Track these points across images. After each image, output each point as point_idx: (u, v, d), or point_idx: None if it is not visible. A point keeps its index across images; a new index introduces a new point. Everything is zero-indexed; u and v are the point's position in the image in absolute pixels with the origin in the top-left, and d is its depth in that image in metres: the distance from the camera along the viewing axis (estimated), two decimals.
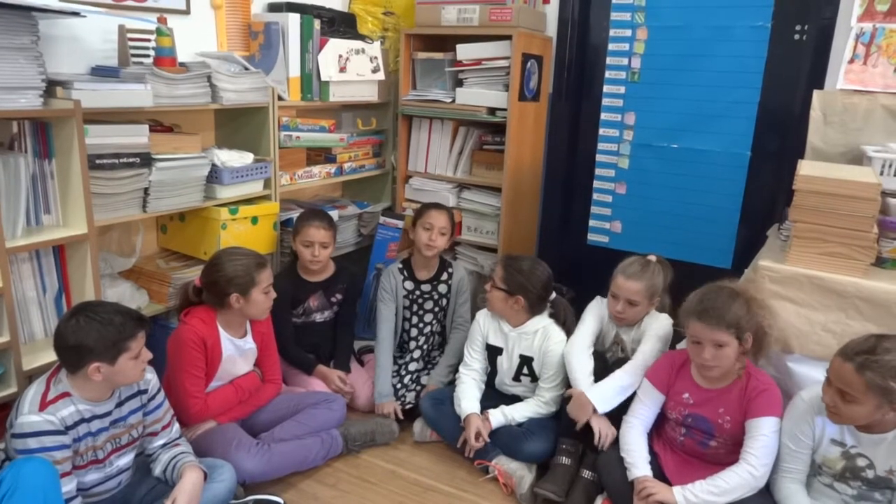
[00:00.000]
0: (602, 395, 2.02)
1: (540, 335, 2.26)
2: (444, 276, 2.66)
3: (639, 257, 2.22)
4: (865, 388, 1.53)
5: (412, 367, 2.60)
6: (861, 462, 1.67)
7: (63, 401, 1.60)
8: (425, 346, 2.67)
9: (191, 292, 2.09)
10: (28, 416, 1.54)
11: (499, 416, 2.20)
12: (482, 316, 2.38)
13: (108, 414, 1.69)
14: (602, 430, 2.01)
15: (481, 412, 2.21)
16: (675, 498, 1.76)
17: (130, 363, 1.63)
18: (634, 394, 2.02)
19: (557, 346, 2.22)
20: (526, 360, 2.29)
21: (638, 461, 1.88)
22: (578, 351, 2.15)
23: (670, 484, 1.82)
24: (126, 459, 1.76)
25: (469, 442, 2.15)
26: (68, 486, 1.57)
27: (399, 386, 2.50)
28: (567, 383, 2.17)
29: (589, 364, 2.12)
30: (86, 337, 1.57)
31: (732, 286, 1.87)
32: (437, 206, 2.64)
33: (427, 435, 2.36)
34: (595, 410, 2.01)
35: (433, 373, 2.54)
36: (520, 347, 2.29)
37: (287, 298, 2.45)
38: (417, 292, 2.64)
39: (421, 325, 2.67)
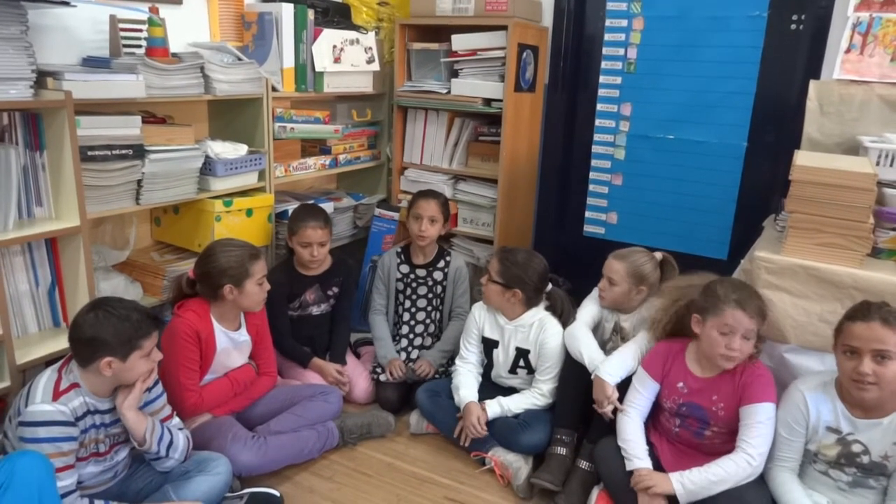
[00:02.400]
0: (613, 370, 2.01)
1: (536, 327, 2.26)
2: (441, 264, 2.65)
3: (642, 248, 2.23)
4: None
5: (403, 343, 2.62)
6: (856, 448, 1.68)
7: (74, 391, 1.60)
8: (423, 333, 2.66)
9: (184, 284, 2.08)
10: (41, 405, 1.54)
11: (495, 406, 2.20)
12: (478, 309, 2.37)
13: (109, 411, 1.68)
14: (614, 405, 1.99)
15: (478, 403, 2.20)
16: (672, 486, 1.77)
17: (141, 362, 1.64)
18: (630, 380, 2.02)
19: (554, 338, 2.22)
20: (522, 353, 2.29)
21: (637, 451, 1.88)
22: (580, 331, 2.14)
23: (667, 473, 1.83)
24: (124, 453, 1.76)
25: (468, 429, 2.15)
26: (69, 479, 1.56)
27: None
28: (563, 374, 2.17)
29: (593, 339, 2.13)
30: (102, 331, 1.57)
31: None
32: (426, 194, 2.63)
33: (423, 427, 2.37)
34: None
35: (427, 352, 2.55)
36: (516, 340, 2.29)
37: (283, 292, 2.44)
38: (412, 276, 2.64)
39: (414, 309, 2.66)
